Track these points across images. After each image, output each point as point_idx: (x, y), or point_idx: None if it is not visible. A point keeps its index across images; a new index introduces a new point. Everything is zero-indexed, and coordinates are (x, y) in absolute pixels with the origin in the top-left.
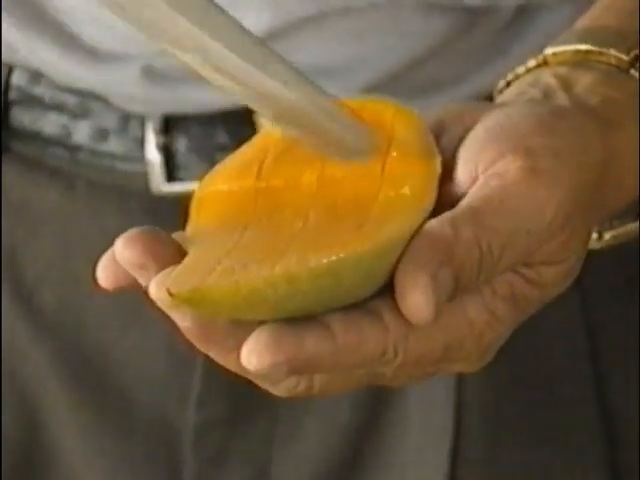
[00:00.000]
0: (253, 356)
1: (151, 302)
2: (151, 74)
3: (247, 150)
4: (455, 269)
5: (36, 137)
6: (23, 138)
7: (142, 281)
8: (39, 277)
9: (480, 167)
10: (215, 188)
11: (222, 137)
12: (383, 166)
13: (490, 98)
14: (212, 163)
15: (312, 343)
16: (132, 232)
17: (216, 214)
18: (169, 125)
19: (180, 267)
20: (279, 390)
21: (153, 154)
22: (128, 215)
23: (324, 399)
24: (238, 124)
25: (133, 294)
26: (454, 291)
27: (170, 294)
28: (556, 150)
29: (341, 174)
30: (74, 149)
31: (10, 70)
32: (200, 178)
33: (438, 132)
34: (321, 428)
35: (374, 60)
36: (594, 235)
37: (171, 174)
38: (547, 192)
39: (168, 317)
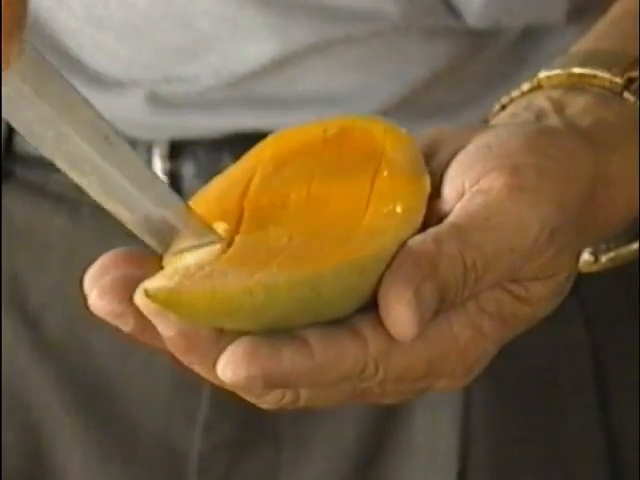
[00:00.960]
0: (228, 368)
1: None
2: (155, 100)
3: (236, 169)
4: (439, 284)
5: (40, 163)
6: (27, 164)
7: (123, 326)
8: (44, 302)
9: (466, 184)
10: (204, 206)
11: (228, 162)
12: (372, 184)
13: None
14: None
15: (289, 358)
16: (105, 282)
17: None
18: (175, 151)
19: (161, 272)
20: (265, 403)
21: None
22: (134, 240)
23: (329, 424)
24: (244, 149)
25: None
26: (438, 307)
27: (147, 295)
28: (541, 167)
29: (329, 192)
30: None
31: None
32: None
33: (431, 153)
34: (326, 453)
35: (379, 87)
36: (590, 258)
37: None
38: (531, 209)
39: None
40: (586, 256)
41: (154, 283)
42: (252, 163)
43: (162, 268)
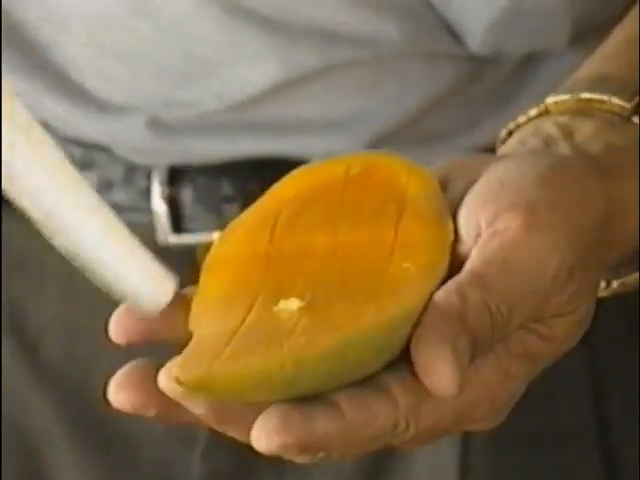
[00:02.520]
0: (262, 438)
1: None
2: (156, 125)
3: (259, 210)
4: (471, 336)
5: None
6: None
7: (146, 414)
8: (43, 328)
9: (482, 223)
10: (226, 252)
11: (228, 189)
12: (396, 231)
13: (494, 148)
14: (218, 214)
15: (322, 423)
16: (121, 376)
17: (225, 281)
18: (175, 176)
19: (186, 351)
20: (299, 459)
21: (159, 205)
22: None
23: None
24: (243, 176)
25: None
26: (472, 358)
27: (179, 383)
28: (554, 202)
29: (354, 239)
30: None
31: None
32: (206, 230)
33: (442, 186)
34: (327, 478)
35: (379, 111)
36: (602, 284)
37: (177, 225)
38: (548, 247)
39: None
40: None
41: (184, 369)
42: (276, 202)
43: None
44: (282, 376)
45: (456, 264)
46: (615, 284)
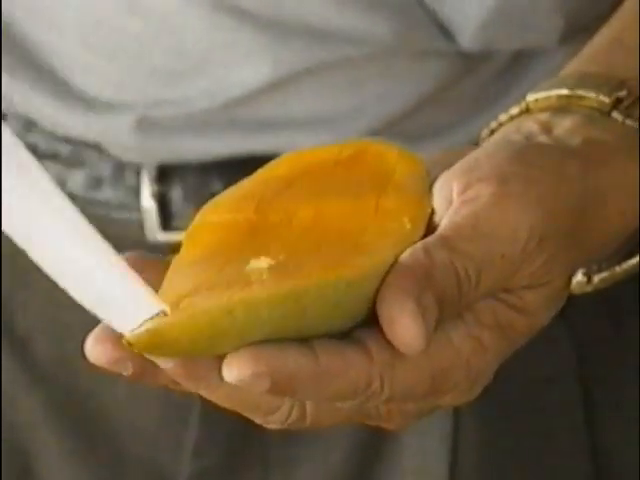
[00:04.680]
0: (234, 367)
1: None
2: (146, 124)
3: (246, 184)
4: (436, 294)
5: None
6: None
7: (123, 371)
8: (31, 326)
9: (454, 193)
10: (209, 219)
11: (217, 186)
12: (376, 205)
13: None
14: None
15: (294, 359)
16: (99, 330)
17: (203, 247)
18: (164, 174)
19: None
20: (272, 423)
21: (148, 203)
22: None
23: (316, 447)
24: (233, 173)
25: None
26: (439, 318)
27: (129, 344)
28: (528, 176)
29: (335, 211)
30: (68, 198)
31: (2, 118)
32: None
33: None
34: (314, 477)
35: (369, 108)
36: (583, 279)
37: (166, 223)
38: (519, 215)
39: None
40: (579, 277)
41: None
42: (265, 178)
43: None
44: (233, 323)
45: (427, 233)
46: (596, 279)
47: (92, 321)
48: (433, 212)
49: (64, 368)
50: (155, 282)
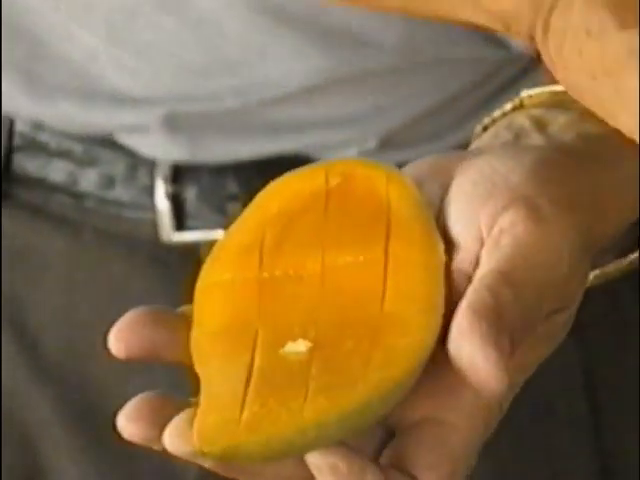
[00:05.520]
0: (318, 456)
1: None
2: (174, 119)
3: (244, 230)
4: (509, 333)
5: (41, 184)
6: (27, 185)
7: (154, 445)
8: (42, 323)
9: (483, 228)
10: (216, 278)
11: (232, 187)
12: (385, 254)
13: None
14: (222, 212)
15: (371, 474)
16: (131, 405)
17: (220, 312)
18: (179, 174)
19: (200, 413)
20: None
21: (162, 202)
22: (135, 263)
23: None
24: (248, 174)
25: None
26: (512, 355)
27: (203, 454)
28: (553, 197)
29: (343, 264)
30: (80, 196)
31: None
32: (209, 228)
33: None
34: None
35: (392, 108)
36: None
37: (180, 223)
38: (561, 240)
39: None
40: None
41: (203, 436)
42: (259, 221)
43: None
44: (304, 440)
45: (460, 274)
46: (591, 276)
47: (103, 320)
48: (453, 247)
49: (75, 366)
50: (168, 341)
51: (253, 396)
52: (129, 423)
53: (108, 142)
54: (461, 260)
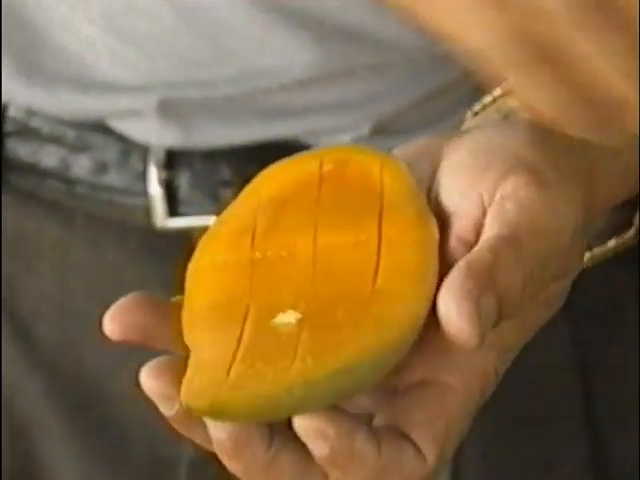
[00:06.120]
0: (306, 419)
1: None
2: (168, 105)
3: (237, 214)
4: (498, 294)
5: (33, 170)
6: (20, 171)
7: (166, 409)
8: (36, 311)
9: (485, 195)
10: (209, 259)
11: (225, 173)
12: (379, 233)
13: None
14: (215, 198)
15: (361, 443)
16: (158, 362)
17: (212, 291)
18: (172, 160)
19: (189, 372)
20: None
21: (155, 188)
22: (128, 249)
23: None
24: (241, 160)
25: None
26: (499, 319)
27: (188, 408)
28: (554, 164)
29: (335, 242)
30: (72, 182)
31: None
32: (202, 214)
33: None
34: None
35: (388, 94)
36: None
37: (173, 209)
38: (565, 205)
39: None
40: None
41: (191, 393)
42: (252, 205)
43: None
44: (291, 399)
45: (454, 245)
46: (585, 258)
47: (96, 307)
48: (452, 218)
49: (68, 353)
50: (160, 327)
51: (241, 359)
52: (149, 379)
53: (101, 128)
54: (462, 228)
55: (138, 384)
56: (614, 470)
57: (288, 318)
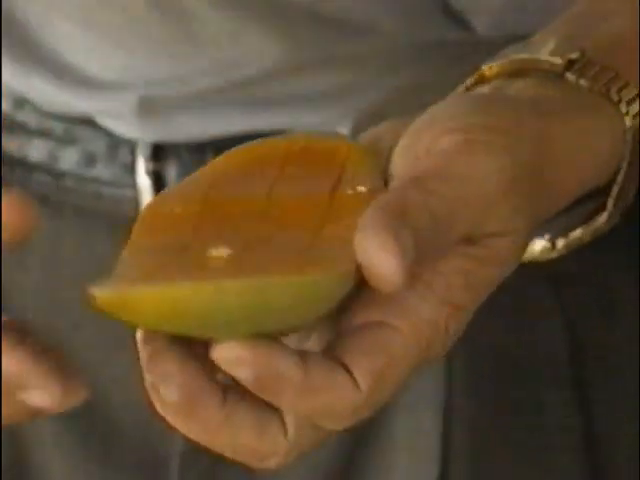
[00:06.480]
0: (223, 348)
1: None
2: (147, 103)
3: (197, 174)
4: (412, 231)
5: (21, 163)
6: (8, 164)
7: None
8: (24, 304)
9: (420, 152)
10: (160, 210)
11: None
12: (332, 195)
13: None
14: None
15: (285, 362)
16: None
17: (158, 234)
18: (159, 151)
19: (110, 277)
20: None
21: (143, 180)
22: (117, 241)
23: None
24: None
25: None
26: (415, 261)
27: (92, 298)
28: (491, 126)
29: (288, 200)
30: (61, 175)
31: None
32: None
33: (372, 144)
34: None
35: (372, 85)
36: (548, 245)
37: None
38: (488, 159)
39: None
40: (543, 243)
41: (100, 286)
42: (214, 169)
43: None
44: (200, 304)
45: None
46: (560, 244)
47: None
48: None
49: (58, 346)
50: None
51: (160, 268)
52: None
53: (88, 121)
54: (393, 186)
55: (129, 378)
56: (608, 462)
57: (219, 252)
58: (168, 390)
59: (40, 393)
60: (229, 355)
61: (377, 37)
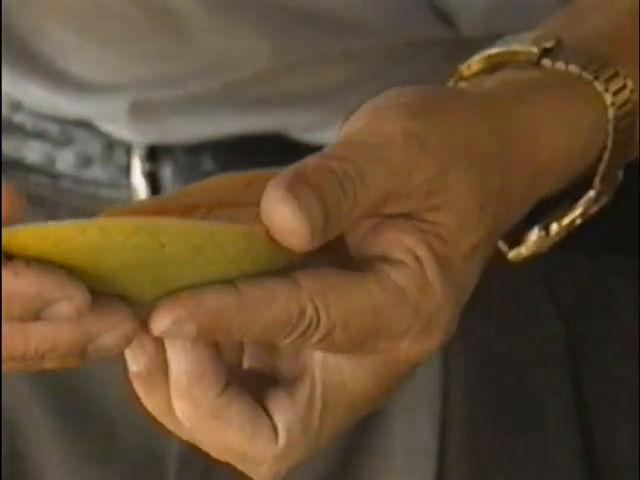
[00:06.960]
0: (155, 321)
1: None
2: (140, 107)
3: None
4: (314, 190)
5: (17, 165)
6: (4, 166)
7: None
8: None
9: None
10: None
11: (208, 164)
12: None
13: None
14: None
15: (214, 295)
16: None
17: None
18: (155, 153)
19: None
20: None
21: (139, 181)
22: None
23: None
24: (225, 151)
25: None
26: (326, 216)
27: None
28: (398, 95)
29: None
30: (57, 177)
31: None
32: None
33: None
34: None
35: (363, 84)
36: (542, 233)
37: None
38: (390, 121)
39: None
40: (537, 232)
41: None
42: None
43: None
44: (85, 242)
45: None
46: (553, 232)
47: None
48: None
49: None
50: None
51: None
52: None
53: (84, 123)
54: None
55: (126, 378)
56: (606, 463)
57: None
58: (177, 359)
59: (66, 303)
60: (164, 324)
61: (369, 36)
